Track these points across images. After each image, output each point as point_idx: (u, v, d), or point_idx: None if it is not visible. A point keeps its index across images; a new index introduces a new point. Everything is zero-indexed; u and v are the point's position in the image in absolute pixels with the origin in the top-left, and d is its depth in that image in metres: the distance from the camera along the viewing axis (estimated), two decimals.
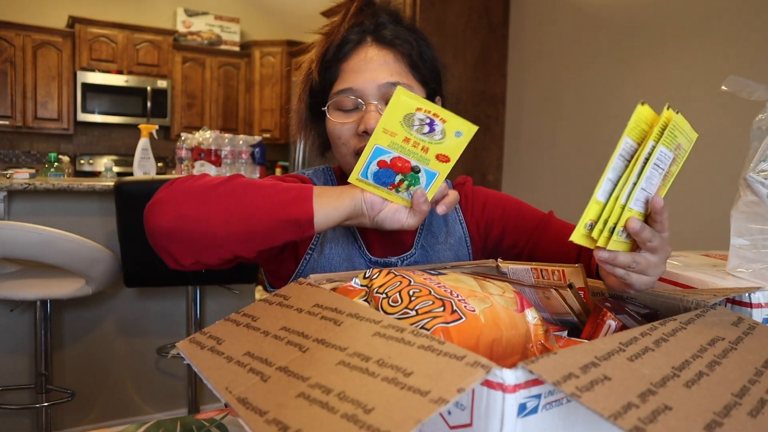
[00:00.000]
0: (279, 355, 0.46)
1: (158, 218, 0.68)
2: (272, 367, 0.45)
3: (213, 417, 0.74)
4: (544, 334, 0.57)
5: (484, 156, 3.09)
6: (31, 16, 4.68)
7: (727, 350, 0.47)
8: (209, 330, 0.58)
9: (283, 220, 0.67)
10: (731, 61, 2.09)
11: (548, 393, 0.38)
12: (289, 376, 0.43)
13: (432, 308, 0.52)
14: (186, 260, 0.69)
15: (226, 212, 0.67)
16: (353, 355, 0.43)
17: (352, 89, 0.82)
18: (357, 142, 0.82)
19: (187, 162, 2.62)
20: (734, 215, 0.79)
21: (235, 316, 0.58)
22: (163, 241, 0.68)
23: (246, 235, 0.67)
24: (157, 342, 2.27)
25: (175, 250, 0.68)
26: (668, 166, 0.57)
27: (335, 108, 0.84)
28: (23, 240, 1.60)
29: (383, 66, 0.82)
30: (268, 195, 0.68)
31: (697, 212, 2.18)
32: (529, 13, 3.03)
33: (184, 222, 0.67)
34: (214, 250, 0.68)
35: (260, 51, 5.33)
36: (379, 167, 0.69)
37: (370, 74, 0.81)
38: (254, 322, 0.56)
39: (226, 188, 0.69)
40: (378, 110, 0.81)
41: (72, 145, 4.98)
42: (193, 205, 0.68)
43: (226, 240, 0.67)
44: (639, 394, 0.36)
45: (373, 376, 0.39)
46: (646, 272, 0.58)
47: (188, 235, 0.67)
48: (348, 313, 0.50)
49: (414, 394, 0.35)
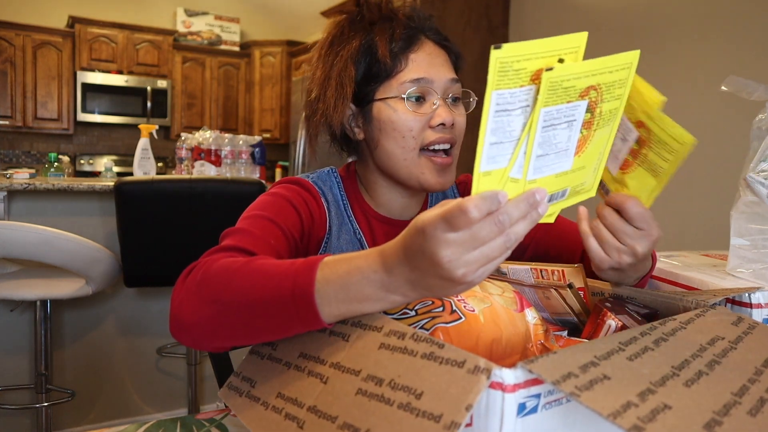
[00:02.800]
0: (305, 392, 0.49)
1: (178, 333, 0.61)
2: (303, 409, 0.48)
3: (213, 417, 0.74)
4: (543, 334, 0.57)
5: None
6: (31, 16, 4.67)
7: (727, 350, 0.47)
8: (241, 370, 0.61)
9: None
10: (731, 61, 2.09)
11: (548, 392, 0.38)
12: (320, 418, 0.45)
13: (431, 308, 0.52)
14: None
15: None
16: (368, 379, 0.45)
17: (426, 79, 0.80)
18: (430, 135, 0.80)
19: (187, 162, 2.62)
20: (734, 215, 0.79)
21: (258, 347, 0.61)
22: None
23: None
24: (157, 342, 2.27)
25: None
26: (580, 113, 0.50)
27: (406, 97, 0.80)
28: (23, 240, 1.60)
29: (447, 63, 0.83)
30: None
31: (697, 212, 2.18)
32: (529, 13, 3.03)
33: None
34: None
35: (260, 51, 5.33)
36: None
37: (441, 68, 0.81)
38: (274, 351, 0.58)
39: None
40: (448, 104, 0.80)
41: (72, 145, 4.98)
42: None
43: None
44: (638, 393, 0.36)
45: (390, 405, 0.41)
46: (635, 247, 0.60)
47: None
48: (351, 324, 0.51)
49: (429, 420, 0.37)
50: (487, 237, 0.44)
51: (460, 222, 0.43)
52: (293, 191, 0.82)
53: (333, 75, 0.84)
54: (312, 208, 0.83)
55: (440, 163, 0.81)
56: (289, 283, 0.51)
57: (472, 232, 0.44)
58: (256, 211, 0.77)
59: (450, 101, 0.82)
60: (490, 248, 0.44)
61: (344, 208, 0.88)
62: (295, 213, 0.80)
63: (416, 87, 0.80)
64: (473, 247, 0.44)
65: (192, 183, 1.73)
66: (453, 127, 0.81)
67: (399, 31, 0.81)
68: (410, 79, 0.80)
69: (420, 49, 0.81)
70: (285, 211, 0.78)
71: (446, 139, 0.80)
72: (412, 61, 0.80)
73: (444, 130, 0.80)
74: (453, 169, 0.84)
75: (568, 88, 0.48)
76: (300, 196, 0.82)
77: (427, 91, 0.80)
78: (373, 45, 0.81)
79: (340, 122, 0.85)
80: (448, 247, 0.44)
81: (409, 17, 0.84)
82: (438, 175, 0.81)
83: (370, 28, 0.83)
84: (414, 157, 0.81)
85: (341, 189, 0.89)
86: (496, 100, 0.45)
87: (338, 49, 0.84)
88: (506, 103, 0.45)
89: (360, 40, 0.83)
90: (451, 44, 0.86)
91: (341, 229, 0.86)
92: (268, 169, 4.92)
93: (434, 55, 0.82)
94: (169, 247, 1.75)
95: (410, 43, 0.81)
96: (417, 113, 0.80)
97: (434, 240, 0.44)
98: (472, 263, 0.44)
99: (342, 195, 0.89)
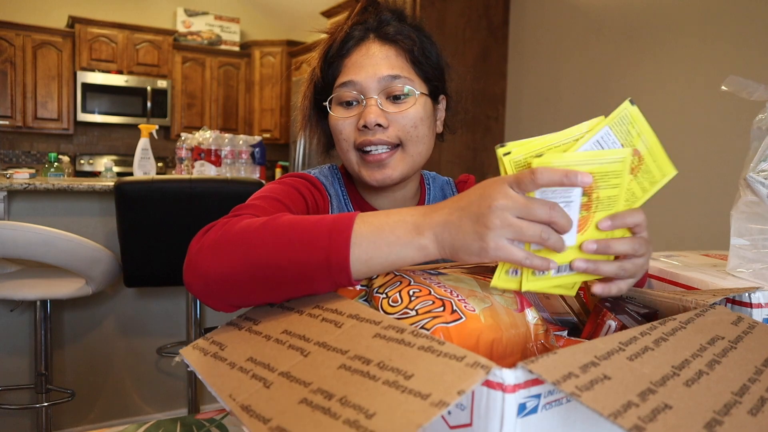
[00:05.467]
0: (281, 359, 0.47)
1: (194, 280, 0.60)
2: (275, 373, 0.45)
3: (213, 417, 0.74)
4: (544, 334, 0.57)
5: (484, 156, 3.09)
6: (31, 16, 4.67)
7: (727, 349, 0.47)
8: (212, 335, 0.58)
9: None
10: (731, 61, 2.09)
11: (548, 393, 0.38)
12: (291, 382, 0.43)
13: (432, 308, 0.52)
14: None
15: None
16: (354, 358, 0.43)
17: (352, 82, 0.81)
18: (357, 137, 0.82)
19: (187, 162, 2.62)
20: (734, 215, 0.79)
21: (237, 320, 0.58)
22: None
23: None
24: (157, 342, 2.27)
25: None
26: (576, 195, 0.51)
27: (337, 103, 0.83)
28: (23, 240, 1.60)
29: (384, 60, 0.82)
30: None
31: (697, 212, 2.18)
32: (529, 13, 3.03)
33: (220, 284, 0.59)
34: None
35: (260, 51, 5.33)
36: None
37: (371, 68, 0.81)
38: (256, 325, 0.55)
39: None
40: (378, 104, 0.80)
41: (72, 145, 4.98)
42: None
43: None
44: (639, 393, 0.36)
45: (374, 380, 0.39)
46: (635, 274, 0.56)
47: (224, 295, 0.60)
48: (348, 315, 0.50)
49: (415, 397, 0.35)
50: (535, 217, 0.48)
51: (525, 180, 0.48)
52: (299, 182, 0.84)
53: (303, 85, 0.90)
54: (317, 198, 0.84)
55: (371, 161, 0.81)
56: (324, 243, 0.53)
57: (528, 201, 0.48)
58: (265, 193, 0.77)
59: (391, 99, 0.81)
60: (529, 227, 0.48)
61: (345, 203, 0.89)
62: (303, 200, 0.81)
63: (341, 91, 0.82)
64: (521, 213, 0.48)
65: (192, 183, 1.73)
66: (387, 128, 0.80)
67: (339, 38, 0.84)
68: (339, 83, 0.82)
69: (355, 53, 0.83)
70: (293, 196, 0.79)
71: (369, 141, 0.80)
72: (345, 66, 0.83)
73: (367, 132, 0.80)
74: (395, 163, 0.82)
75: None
76: (306, 187, 0.84)
77: (353, 95, 0.81)
78: (318, 56, 0.86)
79: (317, 128, 0.91)
80: (504, 198, 0.48)
81: (363, 21, 0.84)
82: (374, 171, 0.82)
83: (326, 37, 0.86)
84: (352, 157, 0.83)
85: (342, 185, 0.90)
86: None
87: (304, 61, 0.92)
88: None
89: (317, 50, 0.87)
90: (403, 38, 0.83)
91: None
92: (268, 169, 4.93)
93: (368, 55, 0.82)
94: (169, 247, 1.75)
95: (347, 49, 0.83)
96: (344, 117, 0.82)
97: (497, 185, 0.49)
98: (507, 227, 0.48)
99: (343, 191, 0.90)
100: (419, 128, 0.82)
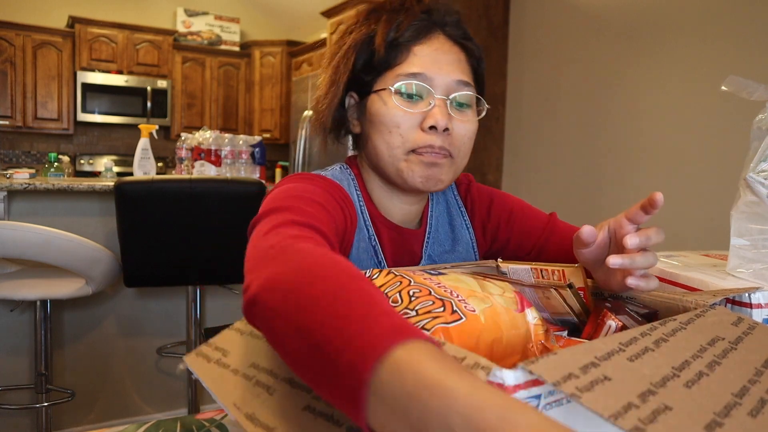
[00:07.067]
0: (283, 365, 0.46)
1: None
2: (277, 379, 0.45)
3: (213, 417, 0.74)
4: (544, 334, 0.57)
5: (484, 156, 3.09)
6: (31, 16, 4.67)
7: (727, 350, 0.47)
8: (214, 341, 0.57)
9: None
10: (731, 61, 2.09)
11: (548, 393, 0.38)
12: (293, 388, 0.43)
13: (432, 308, 0.52)
14: None
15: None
16: None
17: (424, 76, 0.74)
18: (419, 138, 0.74)
19: (187, 162, 2.62)
20: (734, 215, 0.79)
21: (239, 325, 0.58)
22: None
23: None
24: (157, 342, 2.27)
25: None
26: None
27: (397, 92, 0.74)
28: (23, 240, 1.60)
29: (457, 63, 0.76)
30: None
31: (697, 212, 2.18)
32: (529, 13, 3.03)
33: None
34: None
35: (260, 51, 5.33)
36: None
37: (446, 66, 0.75)
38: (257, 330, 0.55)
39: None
40: (448, 107, 0.74)
41: (72, 145, 4.98)
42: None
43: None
44: (639, 394, 0.36)
45: None
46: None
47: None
48: None
49: None
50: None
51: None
52: (334, 190, 0.74)
53: (334, 62, 0.81)
54: (351, 214, 0.76)
55: (428, 161, 0.74)
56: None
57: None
58: (300, 192, 0.68)
59: (454, 105, 0.76)
60: None
61: (361, 210, 0.81)
62: (341, 212, 0.72)
63: (411, 82, 0.74)
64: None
65: (192, 183, 1.73)
66: (449, 135, 0.75)
67: (407, 21, 0.75)
68: (406, 72, 0.74)
69: (427, 43, 0.76)
70: (331, 205, 0.70)
71: (436, 146, 0.73)
72: (414, 55, 0.75)
73: (435, 134, 0.73)
74: (446, 170, 0.76)
75: None
76: (341, 198, 0.75)
77: (423, 88, 0.74)
78: (375, 34, 0.76)
79: (329, 109, 0.80)
80: None
81: (428, 10, 0.79)
82: (426, 170, 0.74)
83: (382, 18, 0.78)
84: (400, 154, 0.75)
85: (357, 188, 0.83)
86: None
87: (347, 37, 0.80)
88: None
89: (368, 28, 0.78)
90: (472, 44, 0.80)
91: (358, 234, 0.79)
92: (268, 169, 4.93)
93: (442, 51, 0.76)
94: (169, 247, 1.75)
95: (417, 35, 0.75)
96: (407, 110, 0.74)
97: None
98: None
99: (359, 195, 0.82)
100: (469, 143, 0.78)
